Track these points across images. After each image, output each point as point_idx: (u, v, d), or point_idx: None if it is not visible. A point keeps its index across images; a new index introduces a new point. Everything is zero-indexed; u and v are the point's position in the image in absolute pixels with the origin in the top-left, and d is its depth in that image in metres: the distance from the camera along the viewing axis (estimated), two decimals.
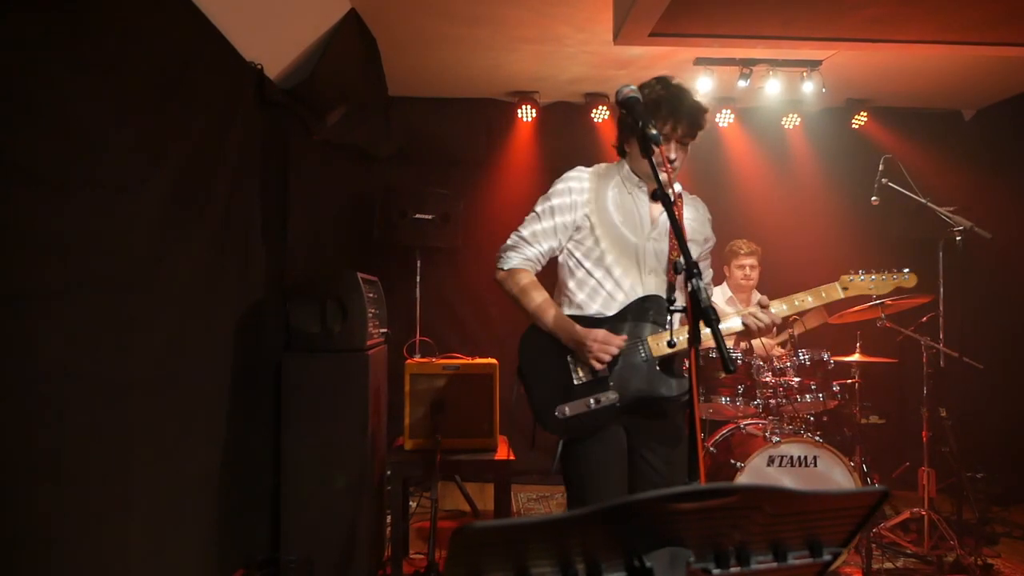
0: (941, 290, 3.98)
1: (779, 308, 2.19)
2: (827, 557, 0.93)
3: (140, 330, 2.32)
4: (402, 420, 3.47)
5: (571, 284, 2.26)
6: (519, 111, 5.17)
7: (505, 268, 2.28)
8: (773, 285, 4.72)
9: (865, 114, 5.39)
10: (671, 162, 2.04)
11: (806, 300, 2.22)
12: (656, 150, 1.59)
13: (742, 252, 4.53)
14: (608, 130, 5.40)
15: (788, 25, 2.88)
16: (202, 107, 2.71)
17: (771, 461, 3.53)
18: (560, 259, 2.31)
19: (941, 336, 4.04)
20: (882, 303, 3.97)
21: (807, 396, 3.84)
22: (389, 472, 3.79)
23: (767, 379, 3.83)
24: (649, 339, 2.15)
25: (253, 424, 3.21)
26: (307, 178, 3.96)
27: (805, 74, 4.62)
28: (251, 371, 3.19)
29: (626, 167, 2.24)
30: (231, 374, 3.01)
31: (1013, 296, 5.23)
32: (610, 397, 2.12)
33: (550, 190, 2.28)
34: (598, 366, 2.09)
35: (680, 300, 1.46)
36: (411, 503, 4.20)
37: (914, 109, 5.65)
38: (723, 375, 3.87)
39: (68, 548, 1.97)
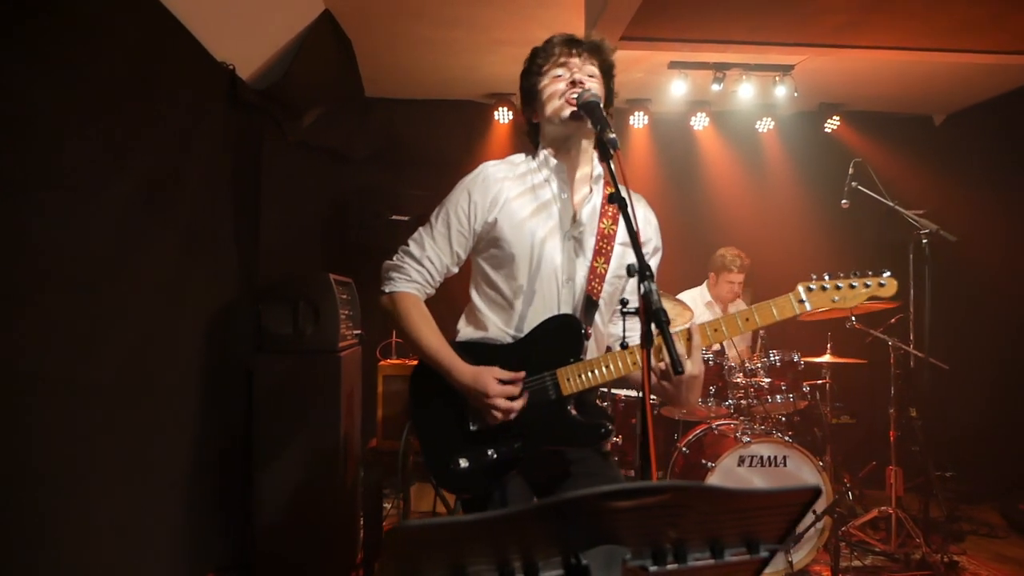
0: (911, 292, 4.03)
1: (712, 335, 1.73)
2: (764, 554, 0.95)
3: (106, 331, 2.30)
4: (375, 421, 3.47)
5: (478, 301, 1.94)
6: (496, 113, 5.19)
7: (387, 291, 1.93)
8: (750, 287, 4.79)
9: (838, 118, 5.46)
10: (575, 84, 1.81)
11: (753, 319, 1.73)
12: (615, 154, 1.59)
13: (735, 268, 4.54)
14: None
15: (757, 30, 2.92)
16: (171, 107, 2.70)
17: (741, 461, 3.57)
18: (471, 271, 1.99)
19: (911, 337, 4.09)
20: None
21: (777, 397, 3.89)
22: (362, 473, 3.79)
23: (738, 380, 3.87)
24: (559, 372, 1.78)
25: (224, 426, 3.20)
26: (281, 179, 3.95)
27: (777, 78, 4.68)
28: (222, 372, 3.18)
29: (542, 153, 1.93)
30: (201, 375, 3.00)
31: (981, 298, 5.32)
32: (514, 446, 1.79)
33: (450, 193, 1.94)
34: (495, 421, 1.78)
35: (632, 301, 1.43)
36: (385, 504, 4.20)
37: (886, 113, 5.73)
38: None
39: (31, 552, 1.96)
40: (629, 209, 1.47)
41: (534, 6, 3.61)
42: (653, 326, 1.31)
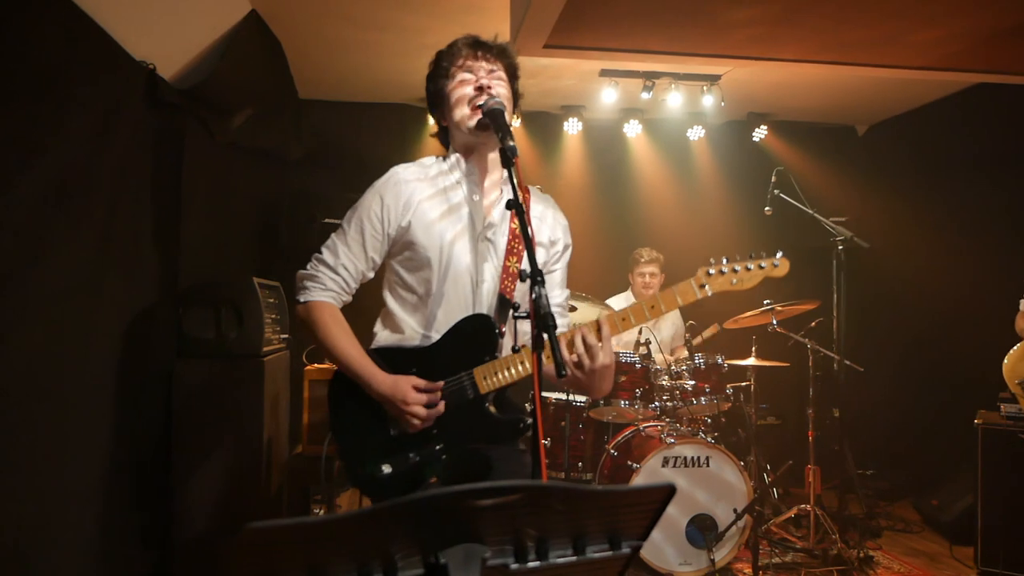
0: (834, 297, 4.17)
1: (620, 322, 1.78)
2: (626, 550, 0.98)
3: (10, 333, 2.23)
4: (302, 426, 3.44)
5: (393, 304, 1.94)
6: (431, 117, 5.18)
7: (302, 301, 1.92)
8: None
9: (766, 127, 5.62)
10: (482, 90, 1.84)
11: (658, 306, 1.78)
12: (515, 162, 1.61)
13: (643, 260, 4.69)
14: (519, 139, 5.49)
15: (676, 41, 3.00)
16: (83, 107, 2.63)
17: (666, 462, 3.65)
18: (385, 275, 1.99)
19: (835, 340, 4.21)
20: (773, 308, 4.16)
21: (702, 399, 3.98)
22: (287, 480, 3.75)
23: (663, 382, 3.95)
24: (476, 372, 1.79)
25: (142, 433, 3.12)
26: (208, 180, 3.88)
27: (705, 88, 4.79)
28: (140, 378, 3.10)
29: (453, 156, 1.96)
30: (116, 380, 2.91)
31: (900, 302, 5.54)
32: (435, 447, 1.81)
33: (361, 198, 1.95)
34: (412, 429, 1.79)
35: (524, 306, 1.46)
36: (316, 510, 4.16)
37: (812, 123, 5.93)
38: (623, 378, 3.98)
39: None
40: (525, 216, 1.49)
41: (461, 12, 3.64)
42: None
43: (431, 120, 2.10)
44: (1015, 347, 3.76)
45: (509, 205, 1.53)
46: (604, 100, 4.78)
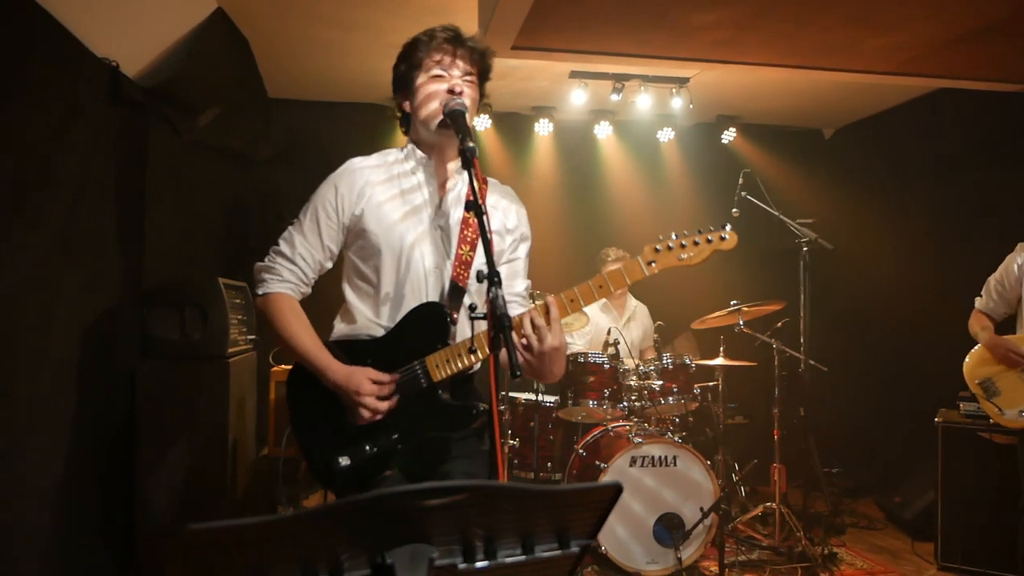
0: (801, 298, 4.21)
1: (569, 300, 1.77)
2: (575, 549, 0.99)
3: None
4: (268, 428, 3.41)
5: (350, 295, 1.94)
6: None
7: (261, 293, 1.92)
8: (647, 291, 4.93)
9: (734, 130, 5.68)
10: (454, 93, 1.83)
11: (606, 285, 1.76)
12: (475, 162, 1.61)
13: (609, 259, 4.70)
14: (490, 140, 5.50)
15: (643, 44, 3.03)
16: (43, 105, 2.58)
17: (633, 461, 3.67)
18: (344, 267, 1.99)
19: (802, 341, 4.26)
20: (740, 308, 4.21)
21: (669, 399, 4.01)
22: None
23: (632, 383, 3.98)
24: (428, 360, 1.79)
25: (104, 436, 3.07)
26: (174, 180, 3.83)
27: (674, 90, 4.83)
28: (102, 379, 3.06)
29: (409, 146, 1.97)
30: (78, 382, 2.87)
31: (865, 302, 5.63)
32: (392, 438, 1.80)
33: (317, 189, 1.96)
34: (363, 420, 1.78)
35: (480, 307, 1.46)
36: (284, 512, 4.12)
37: (779, 126, 6.01)
38: (592, 379, 4.01)
39: None
40: (484, 218, 1.50)
41: (428, 12, 3.63)
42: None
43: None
44: (976, 347, 3.83)
45: (468, 207, 1.54)
46: (574, 102, 4.81)
